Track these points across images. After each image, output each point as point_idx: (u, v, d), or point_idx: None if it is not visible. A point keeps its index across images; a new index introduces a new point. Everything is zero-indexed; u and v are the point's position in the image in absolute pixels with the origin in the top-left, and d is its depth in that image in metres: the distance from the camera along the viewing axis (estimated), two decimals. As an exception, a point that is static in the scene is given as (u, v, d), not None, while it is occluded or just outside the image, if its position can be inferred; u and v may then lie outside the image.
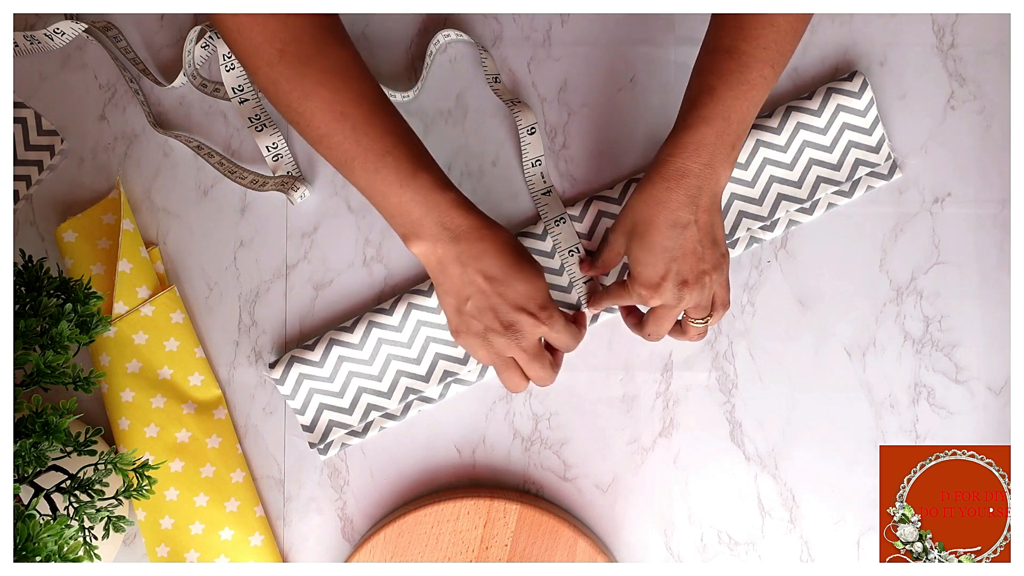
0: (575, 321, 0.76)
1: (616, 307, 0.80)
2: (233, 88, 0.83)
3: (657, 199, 0.69)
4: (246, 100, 0.83)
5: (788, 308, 0.82)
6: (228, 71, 0.82)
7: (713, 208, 0.70)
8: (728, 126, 0.68)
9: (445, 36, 0.82)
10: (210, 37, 0.83)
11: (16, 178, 0.83)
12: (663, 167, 0.69)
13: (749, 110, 0.69)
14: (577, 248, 0.81)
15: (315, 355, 0.80)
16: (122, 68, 0.84)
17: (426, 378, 0.81)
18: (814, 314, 0.81)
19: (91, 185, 0.84)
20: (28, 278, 0.70)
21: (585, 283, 0.80)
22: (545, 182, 0.82)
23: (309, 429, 0.81)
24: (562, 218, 0.81)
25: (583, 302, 0.80)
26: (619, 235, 0.73)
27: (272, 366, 0.80)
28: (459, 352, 0.81)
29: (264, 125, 0.83)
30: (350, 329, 0.80)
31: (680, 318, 0.76)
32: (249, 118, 0.83)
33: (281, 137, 0.83)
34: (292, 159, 0.83)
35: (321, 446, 0.81)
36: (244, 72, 0.82)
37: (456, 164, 0.83)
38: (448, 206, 0.69)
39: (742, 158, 0.80)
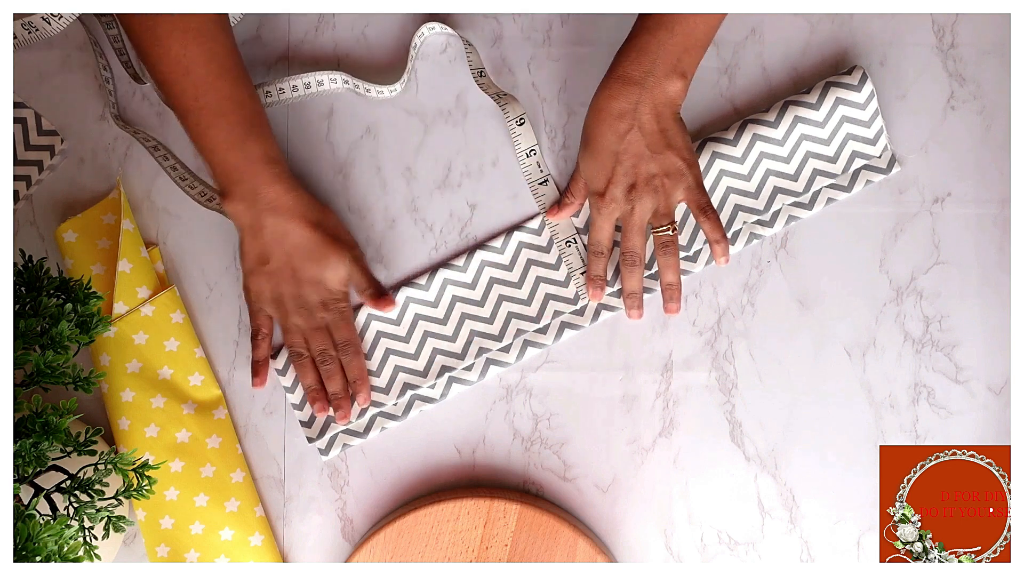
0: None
1: (617, 307, 0.80)
2: None
3: (599, 107, 0.73)
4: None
5: (788, 308, 0.82)
6: None
7: (660, 115, 0.72)
8: (671, 36, 0.70)
9: (430, 29, 0.82)
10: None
11: (16, 178, 0.82)
12: (606, 78, 0.73)
13: (696, 25, 0.71)
14: (575, 239, 0.81)
15: None
16: (98, 55, 0.82)
17: (424, 373, 0.81)
18: (814, 314, 0.81)
19: (91, 185, 0.83)
20: (28, 278, 0.70)
21: (582, 274, 0.80)
22: (541, 171, 0.82)
23: (307, 424, 0.81)
24: None
25: (581, 295, 0.80)
26: (580, 159, 0.76)
27: (274, 357, 0.80)
28: (458, 347, 0.81)
29: None
30: None
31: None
32: None
33: None
34: None
35: (321, 445, 0.81)
36: None
37: (456, 164, 0.83)
38: (270, 178, 0.73)
39: (737, 152, 0.80)
